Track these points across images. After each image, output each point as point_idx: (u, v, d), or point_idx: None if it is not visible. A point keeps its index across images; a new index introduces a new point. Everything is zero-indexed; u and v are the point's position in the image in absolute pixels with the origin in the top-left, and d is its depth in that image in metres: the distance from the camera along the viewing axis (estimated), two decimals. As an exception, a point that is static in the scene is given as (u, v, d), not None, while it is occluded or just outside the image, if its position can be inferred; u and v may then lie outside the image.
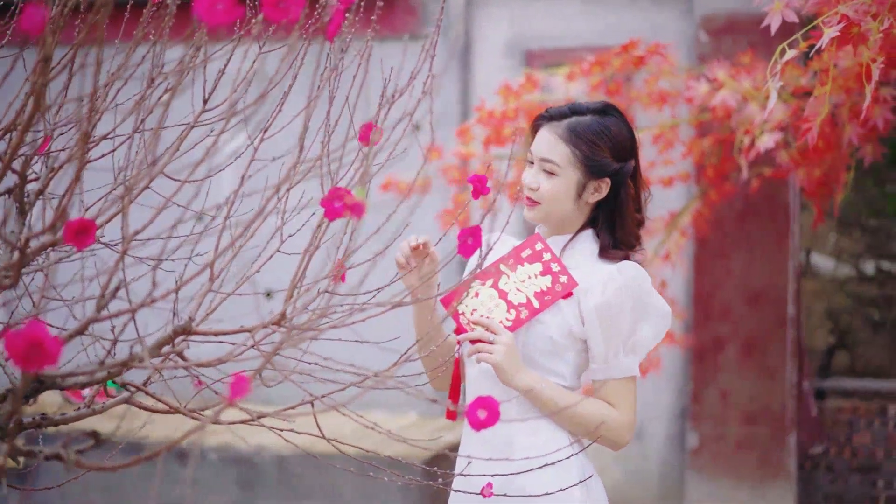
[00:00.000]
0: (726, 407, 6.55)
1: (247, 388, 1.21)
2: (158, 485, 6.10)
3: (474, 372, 2.75)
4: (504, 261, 2.73)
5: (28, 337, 1.02)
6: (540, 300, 2.68)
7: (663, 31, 6.48)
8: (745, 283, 6.51)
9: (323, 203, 1.73)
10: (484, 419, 1.58)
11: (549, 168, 2.71)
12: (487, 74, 6.85)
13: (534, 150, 2.75)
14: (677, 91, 5.39)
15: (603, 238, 2.76)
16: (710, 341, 6.57)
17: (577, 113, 2.74)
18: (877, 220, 9.21)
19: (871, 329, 8.74)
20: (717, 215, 6.09)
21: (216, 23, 1.17)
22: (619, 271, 2.68)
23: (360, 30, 2.07)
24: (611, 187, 2.74)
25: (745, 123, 4.92)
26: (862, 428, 7.17)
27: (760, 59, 5.47)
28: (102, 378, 1.74)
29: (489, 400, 1.59)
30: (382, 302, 1.73)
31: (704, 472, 6.57)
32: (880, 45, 2.97)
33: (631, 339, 2.67)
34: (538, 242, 2.73)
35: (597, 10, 6.89)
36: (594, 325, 2.66)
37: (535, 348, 2.70)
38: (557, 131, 2.72)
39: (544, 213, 2.75)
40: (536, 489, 2.55)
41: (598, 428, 2.65)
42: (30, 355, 1.03)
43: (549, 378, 2.71)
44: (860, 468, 7.14)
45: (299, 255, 1.86)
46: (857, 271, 9.21)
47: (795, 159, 5.03)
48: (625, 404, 2.70)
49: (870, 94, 3.03)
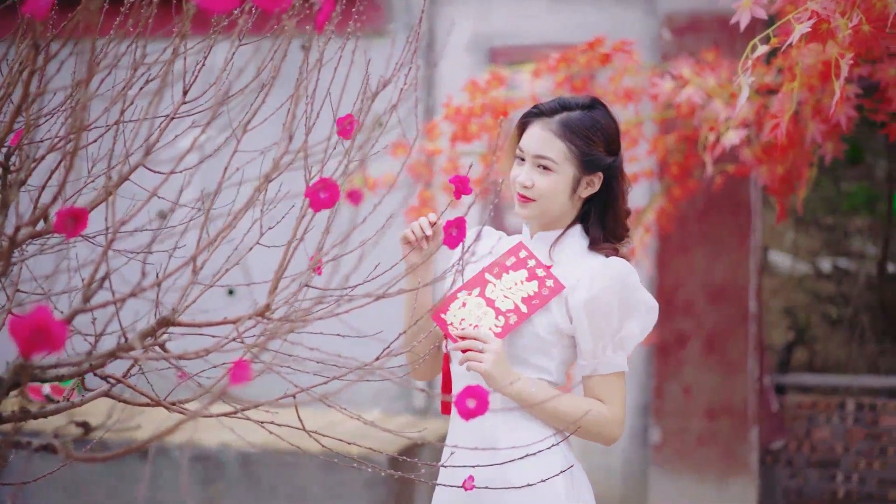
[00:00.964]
0: (689, 402, 6.60)
1: (248, 374, 1.21)
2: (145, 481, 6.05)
3: (462, 369, 2.76)
4: (489, 270, 2.73)
5: (33, 322, 1.01)
6: (528, 305, 2.69)
7: (627, 28, 6.51)
8: (708, 279, 6.56)
9: (308, 193, 1.72)
10: (473, 408, 1.59)
11: (544, 164, 2.70)
12: (451, 71, 6.85)
13: (525, 147, 2.74)
14: (642, 88, 5.42)
15: (594, 231, 2.77)
16: (673, 337, 6.62)
17: (567, 108, 2.73)
18: (833, 218, 9.31)
19: (829, 325, 8.84)
20: (680, 212, 6.13)
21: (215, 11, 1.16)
22: (605, 266, 2.69)
23: (328, 27, 2.06)
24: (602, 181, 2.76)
25: (709, 120, 4.96)
26: (821, 423, 7.25)
27: (724, 57, 5.51)
28: (86, 370, 1.73)
29: (478, 389, 1.59)
30: (371, 292, 1.73)
31: (667, 468, 6.61)
32: (850, 42, 3.00)
33: (619, 335, 2.69)
34: (522, 250, 2.73)
35: (560, 8, 6.91)
36: (582, 321, 2.67)
37: (522, 345, 2.71)
38: (551, 127, 2.71)
39: (538, 210, 2.74)
40: (520, 481, 2.55)
41: (590, 430, 2.67)
42: (35, 340, 1.02)
43: (536, 375, 2.72)
44: (819, 463, 7.22)
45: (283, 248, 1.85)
46: (815, 269, 9.31)
47: (758, 156, 5.07)
48: (614, 399, 2.71)
49: (839, 89, 3.06)
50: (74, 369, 1.63)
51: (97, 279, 1.52)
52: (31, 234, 1.49)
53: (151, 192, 1.58)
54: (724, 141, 4.64)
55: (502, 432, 2.69)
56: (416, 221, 2.72)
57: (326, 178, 1.72)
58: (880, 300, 8.51)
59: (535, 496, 2.60)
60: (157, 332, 1.77)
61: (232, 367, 1.21)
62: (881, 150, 8.91)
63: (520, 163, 2.76)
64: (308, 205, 1.73)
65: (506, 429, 2.70)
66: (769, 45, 3.19)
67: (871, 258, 8.99)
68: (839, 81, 3.03)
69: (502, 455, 2.54)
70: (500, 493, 2.58)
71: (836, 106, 3.17)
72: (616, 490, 6.74)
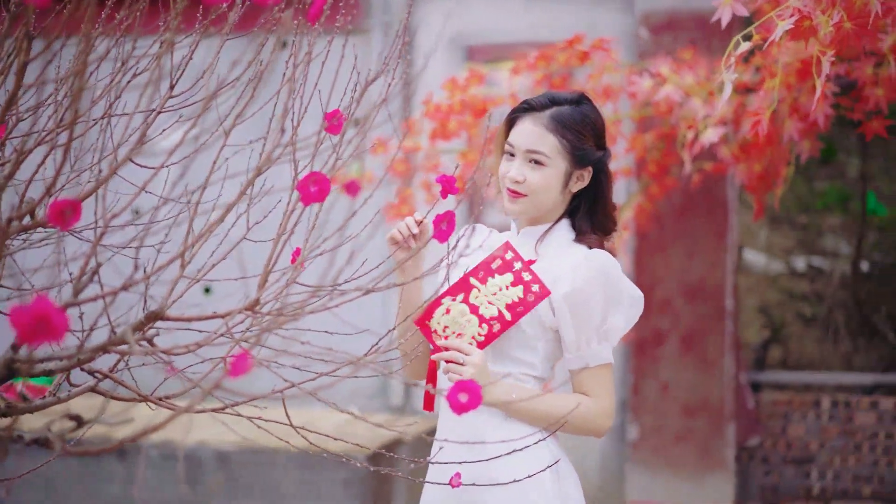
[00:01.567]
0: (666, 399, 6.62)
1: (249, 366, 1.21)
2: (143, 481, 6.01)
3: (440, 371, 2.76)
4: (474, 274, 2.71)
5: (34, 311, 1.00)
6: (512, 312, 2.67)
7: (603, 27, 6.53)
8: (685, 277, 6.59)
9: (298, 187, 1.72)
10: (465, 403, 1.59)
11: (537, 158, 2.70)
12: (428, 69, 6.85)
13: (516, 142, 2.73)
14: (620, 86, 5.43)
15: (582, 224, 2.77)
16: (650, 334, 6.64)
17: (557, 103, 2.74)
18: (807, 217, 9.36)
19: (803, 324, 8.89)
20: (658, 210, 6.15)
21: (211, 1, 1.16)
22: (587, 259, 2.69)
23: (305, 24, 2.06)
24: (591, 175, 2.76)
25: (687, 118, 4.98)
26: (796, 420, 7.29)
27: (701, 56, 5.53)
28: (74, 364, 1.72)
29: (470, 384, 1.59)
30: (361, 286, 1.72)
31: (644, 464, 6.63)
32: (831, 39, 3.01)
33: (603, 327, 2.69)
34: (508, 251, 2.70)
35: (537, 7, 6.92)
36: (565, 314, 2.67)
37: (506, 340, 2.71)
38: (542, 122, 2.71)
39: (529, 205, 2.73)
40: (507, 477, 2.55)
41: (579, 425, 2.68)
42: (36, 330, 1.02)
43: (520, 369, 2.72)
44: (794, 460, 7.26)
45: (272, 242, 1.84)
46: (789, 267, 9.36)
47: (736, 154, 5.10)
48: (601, 392, 2.72)
49: (820, 86, 3.07)
50: (64, 363, 1.62)
51: (87, 273, 1.51)
52: (20, 227, 1.48)
53: (141, 186, 1.57)
54: (702, 139, 4.66)
55: (489, 428, 2.69)
56: (403, 221, 2.72)
57: (317, 172, 1.72)
58: (854, 298, 8.55)
59: (521, 492, 2.61)
60: (146, 326, 1.76)
61: (232, 359, 1.20)
62: (853, 148, 8.97)
63: (509, 158, 2.76)
64: (298, 199, 1.73)
65: (493, 424, 2.69)
66: (752, 41, 3.20)
67: (845, 257, 9.04)
68: (820, 79, 3.05)
69: (489, 451, 2.54)
70: (488, 489, 2.58)
71: (816, 103, 3.19)
72: (593, 487, 6.75)
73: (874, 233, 8.86)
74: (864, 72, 4.14)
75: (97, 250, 1.63)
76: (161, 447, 6.09)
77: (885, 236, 8.97)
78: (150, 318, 1.76)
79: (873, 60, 4.12)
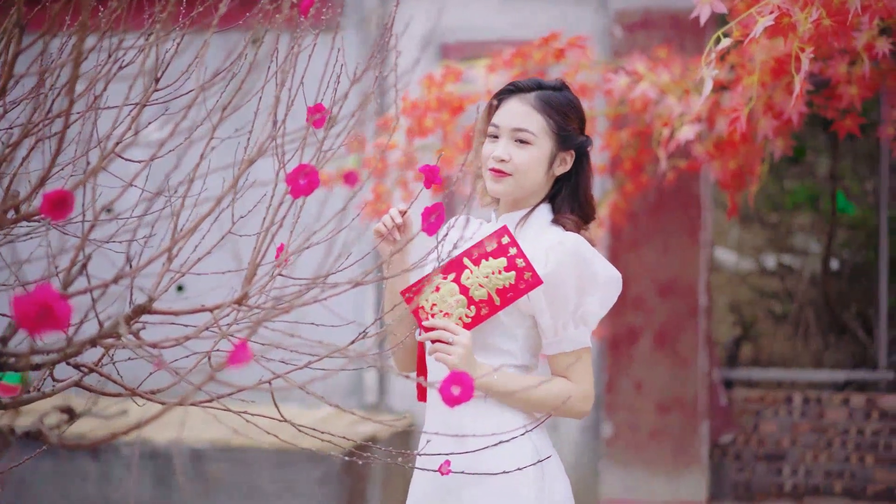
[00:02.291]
0: (640, 397, 6.65)
1: (248, 355, 1.20)
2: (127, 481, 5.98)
3: (428, 358, 2.75)
4: (468, 254, 2.69)
5: (37, 301, 0.99)
6: (502, 297, 2.66)
7: (578, 25, 6.55)
8: (658, 274, 6.61)
9: (288, 180, 1.71)
10: (458, 395, 1.59)
11: (523, 137, 2.70)
12: (402, 67, 6.83)
13: (502, 122, 2.73)
14: (595, 84, 5.45)
15: (562, 206, 2.77)
16: (624, 332, 6.66)
17: (542, 87, 2.76)
18: (777, 216, 9.42)
19: (774, 321, 8.94)
20: (632, 208, 6.18)
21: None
22: (559, 243, 2.67)
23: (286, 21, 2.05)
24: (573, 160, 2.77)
25: (662, 116, 5.00)
26: (768, 417, 7.33)
27: (675, 54, 5.56)
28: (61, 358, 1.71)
29: (463, 376, 1.59)
30: (352, 279, 1.72)
31: (619, 461, 6.65)
32: (810, 36, 3.03)
33: (579, 311, 2.68)
34: (505, 236, 2.68)
35: (511, 4, 6.93)
36: (539, 299, 2.66)
37: (485, 329, 2.70)
38: (529, 101, 2.73)
39: (514, 184, 2.73)
40: (489, 470, 2.55)
41: (559, 407, 2.68)
42: (39, 319, 1.01)
43: (500, 359, 2.72)
44: (767, 456, 7.30)
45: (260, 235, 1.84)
46: (759, 265, 9.41)
47: (710, 152, 5.12)
48: (580, 375, 2.72)
49: (799, 83, 3.09)
50: (53, 356, 1.61)
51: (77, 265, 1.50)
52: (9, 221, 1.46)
53: (130, 178, 1.56)
54: (678, 136, 4.68)
55: (471, 420, 2.68)
56: (388, 213, 2.71)
57: (306, 165, 1.71)
58: (824, 296, 8.62)
59: (506, 485, 2.61)
60: (133, 320, 1.75)
61: (231, 349, 1.20)
62: (822, 148, 9.03)
63: (492, 140, 2.76)
64: (288, 191, 1.72)
65: (474, 416, 2.69)
66: (733, 38, 3.21)
67: (815, 255, 9.10)
68: (799, 76, 3.07)
69: (474, 443, 2.54)
70: (475, 483, 2.58)
71: (795, 99, 3.20)
72: (568, 484, 6.77)
73: (844, 231, 8.92)
74: (838, 70, 4.17)
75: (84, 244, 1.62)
76: (134, 445, 6.05)
77: (854, 235, 9.03)
78: (138, 312, 1.75)
79: (847, 58, 4.15)
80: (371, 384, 7.13)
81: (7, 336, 1.54)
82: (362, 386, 7.16)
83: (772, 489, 7.28)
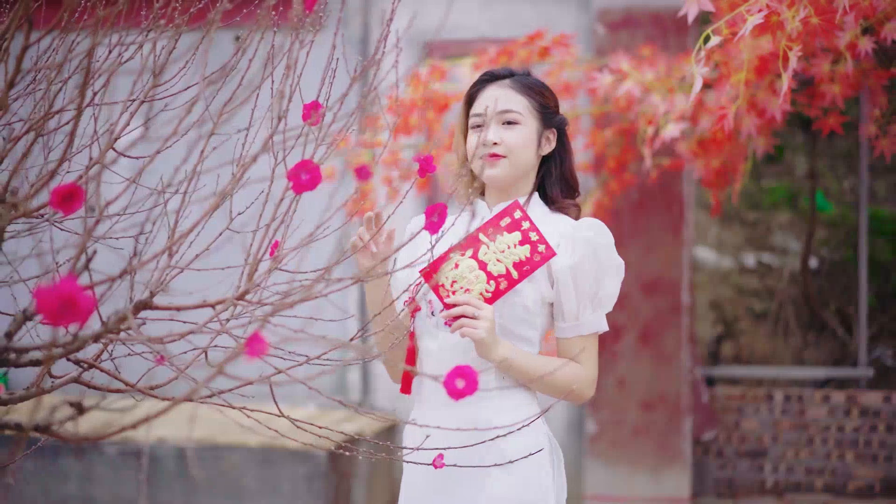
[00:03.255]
0: (624, 394, 6.67)
1: (265, 347, 1.20)
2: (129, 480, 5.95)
3: (433, 346, 2.76)
4: (483, 230, 2.72)
5: (61, 293, 1.00)
6: (519, 271, 2.68)
7: (560, 23, 6.56)
8: (642, 272, 6.63)
9: (289, 175, 1.71)
10: (462, 388, 1.59)
11: (511, 118, 2.77)
12: (386, 65, 6.84)
13: (486, 109, 2.78)
14: (578, 82, 5.47)
15: (553, 192, 2.83)
16: (608, 329, 6.68)
17: (513, 73, 2.84)
18: (756, 214, 9.46)
19: (754, 319, 8.98)
20: (615, 206, 6.20)
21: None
22: (586, 229, 2.72)
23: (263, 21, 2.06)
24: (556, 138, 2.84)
25: (647, 114, 5.02)
26: (750, 414, 7.37)
27: (658, 52, 5.58)
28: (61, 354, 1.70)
29: (467, 369, 1.59)
30: (355, 275, 1.72)
31: (603, 459, 6.67)
32: (797, 35, 3.05)
33: (598, 295, 2.72)
34: (517, 210, 2.72)
35: (494, 3, 6.94)
36: (567, 284, 2.69)
37: (510, 316, 2.72)
38: (508, 85, 2.80)
39: (509, 166, 2.77)
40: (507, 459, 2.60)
41: (570, 391, 2.71)
42: (62, 312, 1.01)
43: (521, 346, 2.74)
44: (748, 453, 7.34)
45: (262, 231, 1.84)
46: (738, 264, 9.45)
47: (694, 150, 5.15)
48: (590, 359, 2.75)
49: (787, 82, 3.11)
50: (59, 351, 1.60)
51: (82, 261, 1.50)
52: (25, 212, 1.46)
53: (136, 173, 1.56)
54: (664, 134, 4.70)
55: (494, 413, 2.70)
56: (361, 225, 2.72)
57: (307, 161, 1.71)
58: (804, 294, 8.66)
59: (529, 473, 2.65)
60: (135, 315, 1.74)
61: (248, 339, 1.20)
62: (799, 147, 9.09)
63: (477, 130, 2.80)
64: (290, 187, 1.72)
65: (497, 410, 2.71)
66: (722, 36, 3.23)
67: (794, 253, 9.15)
68: (787, 74, 3.09)
69: (491, 434, 2.55)
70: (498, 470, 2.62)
71: (784, 96, 3.23)
72: (551, 482, 6.78)
73: (822, 229, 8.98)
74: (821, 69, 4.19)
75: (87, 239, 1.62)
76: (119, 444, 6.03)
77: (833, 233, 9.09)
78: (139, 307, 1.75)
79: (830, 57, 4.17)
80: (355, 383, 7.13)
81: (12, 331, 1.54)
82: (346, 385, 7.15)
83: (754, 486, 7.31)
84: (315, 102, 2.19)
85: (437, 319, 2.73)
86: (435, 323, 2.74)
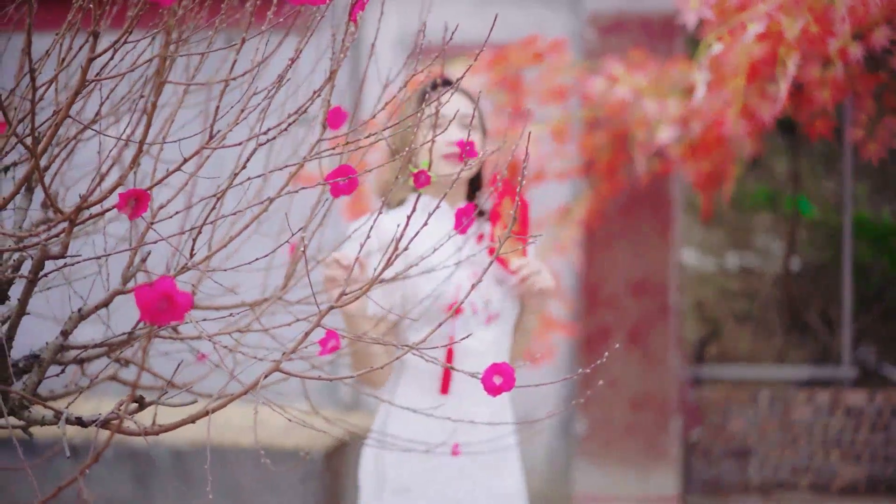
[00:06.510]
0: (613, 394, 6.74)
1: (338, 344, 1.27)
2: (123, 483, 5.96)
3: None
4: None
5: (159, 291, 1.06)
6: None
7: (550, 27, 6.62)
8: (631, 273, 6.70)
9: (328, 179, 1.78)
10: (500, 384, 1.66)
11: (468, 122, 2.95)
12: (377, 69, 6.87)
13: (446, 111, 2.93)
14: (569, 86, 5.53)
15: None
16: (597, 330, 6.75)
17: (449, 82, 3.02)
18: (738, 216, 9.56)
19: (737, 320, 9.07)
20: (605, 208, 6.27)
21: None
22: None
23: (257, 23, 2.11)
24: None
25: (639, 119, 5.09)
26: (735, 414, 7.45)
27: (649, 56, 5.65)
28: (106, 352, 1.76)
29: (504, 366, 1.66)
30: (385, 278, 1.79)
31: (591, 458, 6.74)
32: (796, 42, 3.13)
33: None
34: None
35: (484, 7, 7.00)
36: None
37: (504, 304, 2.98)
38: (461, 93, 3.04)
39: (472, 165, 2.90)
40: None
41: None
42: (160, 310, 1.07)
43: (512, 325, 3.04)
44: (734, 453, 7.42)
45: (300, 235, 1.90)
46: (721, 265, 9.54)
47: (685, 154, 5.23)
48: None
49: (785, 87, 3.19)
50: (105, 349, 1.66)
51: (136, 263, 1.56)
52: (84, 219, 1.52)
53: (188, 177, 1.62)
54: (657, 138, 4.77)
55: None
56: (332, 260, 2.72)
57: (346, 165, 1.78)
58: (786, 295, 8.76)
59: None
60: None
61: (323, 336, 1.27)
62: (780, 150, 9.19)
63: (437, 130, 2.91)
64: (329, 191, 1.79)
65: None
66: (725, 43, 3.31)
67: (776, 255, 9.25)
68: (785, 79, 3.17)
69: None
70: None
71: (783, 102, 3.31)
72: (541, 480, 6.85)
73: (804, 231, 9.08)
74: (811, 74, 4.27)
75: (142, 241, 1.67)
76: (113, 445, 6.06)
77: (814, 235, 9.19)
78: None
79: (820, 63, 4.26)
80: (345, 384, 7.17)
81: (68, 330, 1.60)
82: (337, 385, 7.19)
83: (739, 485, 7.40)
84: (337, 108, 2.26)
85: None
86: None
